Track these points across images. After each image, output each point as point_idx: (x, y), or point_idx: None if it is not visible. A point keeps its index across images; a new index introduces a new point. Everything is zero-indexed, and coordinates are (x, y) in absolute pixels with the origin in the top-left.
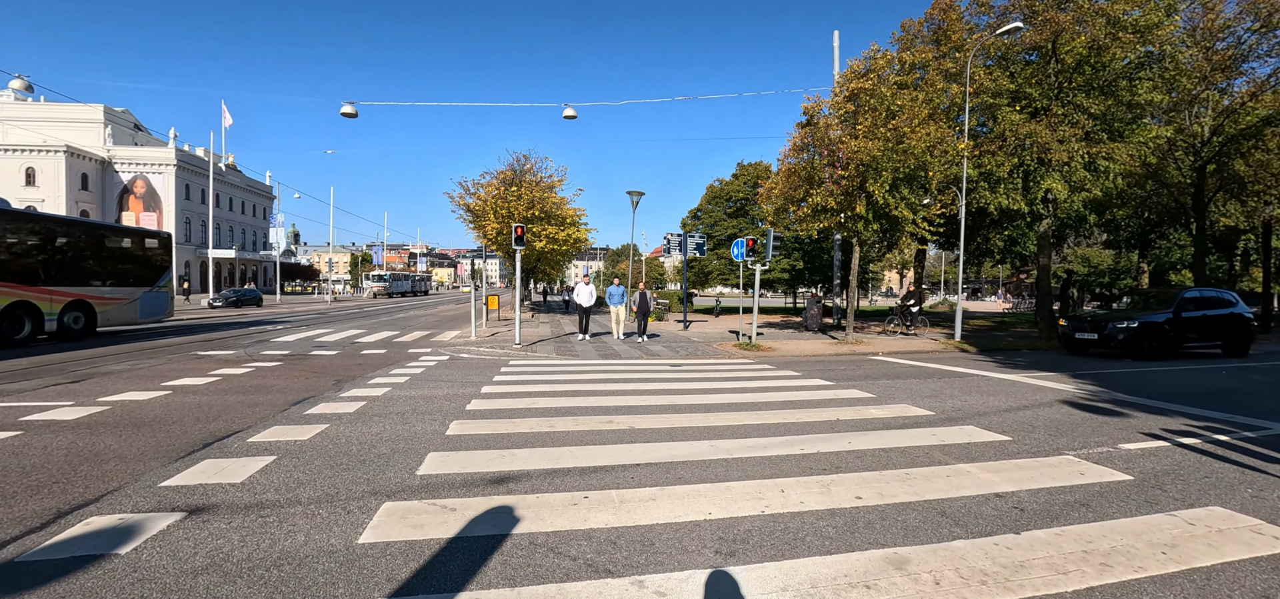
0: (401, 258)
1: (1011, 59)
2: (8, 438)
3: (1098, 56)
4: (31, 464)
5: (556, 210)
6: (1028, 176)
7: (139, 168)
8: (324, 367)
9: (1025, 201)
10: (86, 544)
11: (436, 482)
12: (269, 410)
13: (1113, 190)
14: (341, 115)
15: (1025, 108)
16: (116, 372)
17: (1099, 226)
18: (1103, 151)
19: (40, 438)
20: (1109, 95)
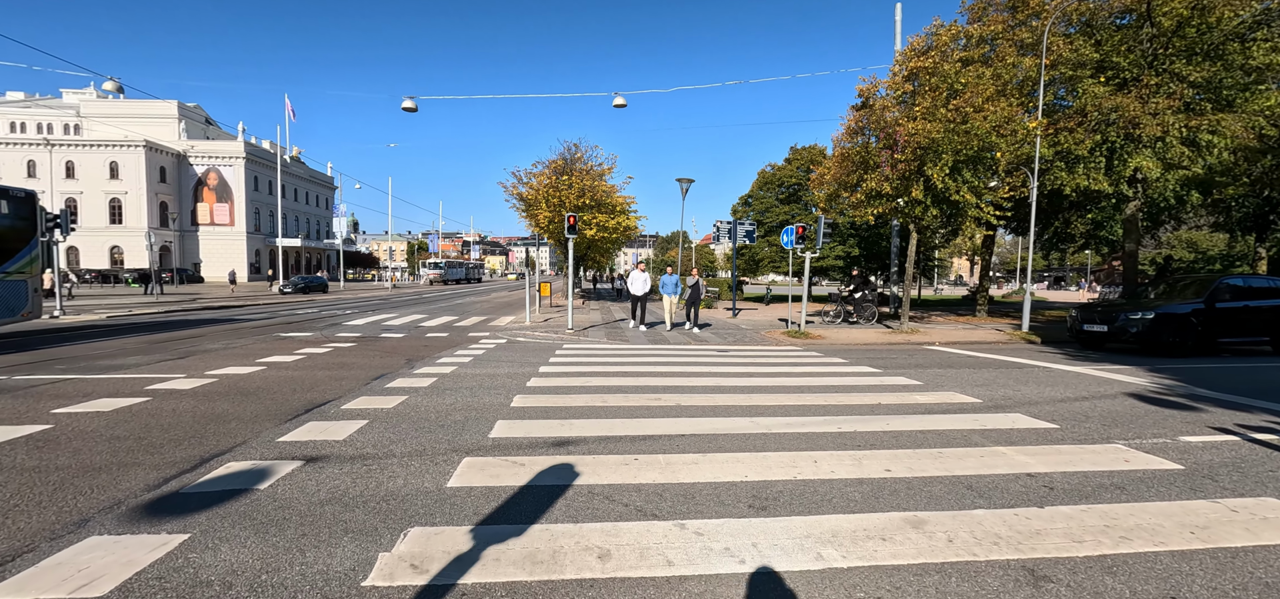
0: (455, 246)
1: (1097, 25)
2: (143, 403)
3: (1202, 17)
4: (168, 423)
5: (606, 198)
6: (1113, 154)
7: (211, 160)
8: (394, 347)
9: (1108, 182)
10: (231, 482)
11: (506, 443)
12: (353, 384)
13: (1218, 167)
14: (402, 110)
15: (1111, 79)
16: (213, 350)
17: (1205, 207)
18: (1205, 124)
19: (168, 403)
20: (1216, 60)
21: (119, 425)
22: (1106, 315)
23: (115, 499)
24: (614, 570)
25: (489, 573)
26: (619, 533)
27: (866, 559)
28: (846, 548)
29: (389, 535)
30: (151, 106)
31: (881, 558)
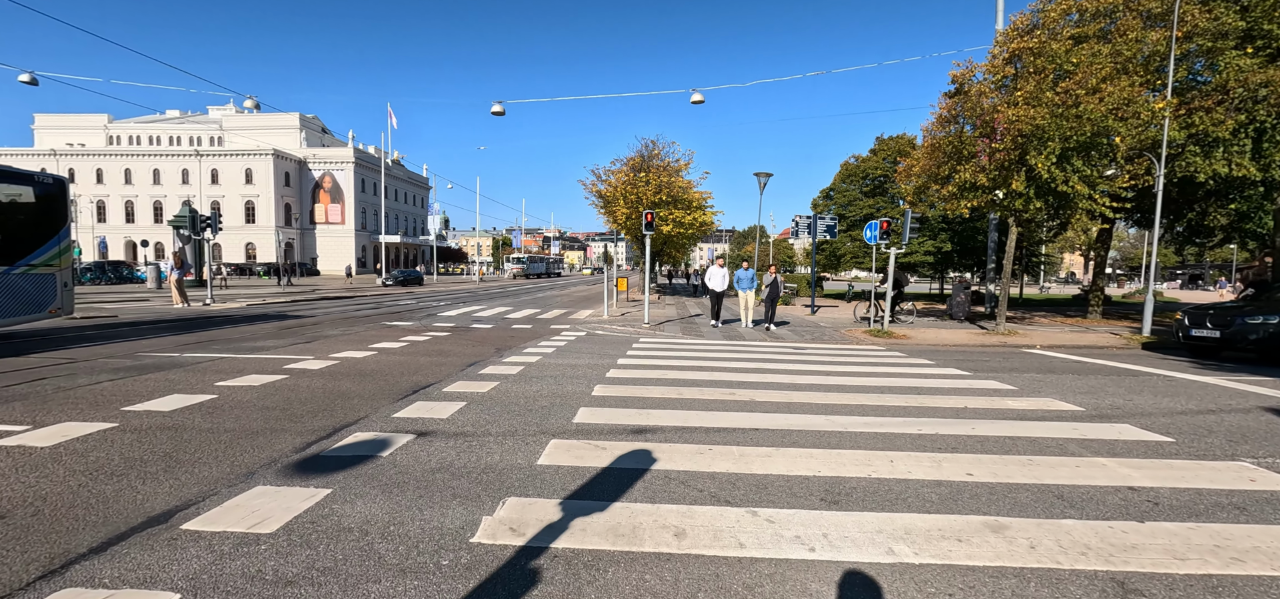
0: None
1: None
2: (283, 379)
3: None
4: (304, 397)
5: (682, 194)
6: (1261, 136)
7: (326, 165)
8: (484, 337)
9: (1256, 167)
10: (359, 449)
11: (589, 428)
12: (451, 369)
13: None
14: (491, 114)
15: (1261, 50)
16: (333, 336)
17: None
18: None
19: (303, 380)
20: None
21: (267, 398)
22: (1220, 320)
23: (272, 457)
24: (689, 548)
25: (576, 540)
26: (693, 515)
27: (940, 558)
28: (919, 545)
29: (490, 502)
30: (278, 119)
31: (956, 558)
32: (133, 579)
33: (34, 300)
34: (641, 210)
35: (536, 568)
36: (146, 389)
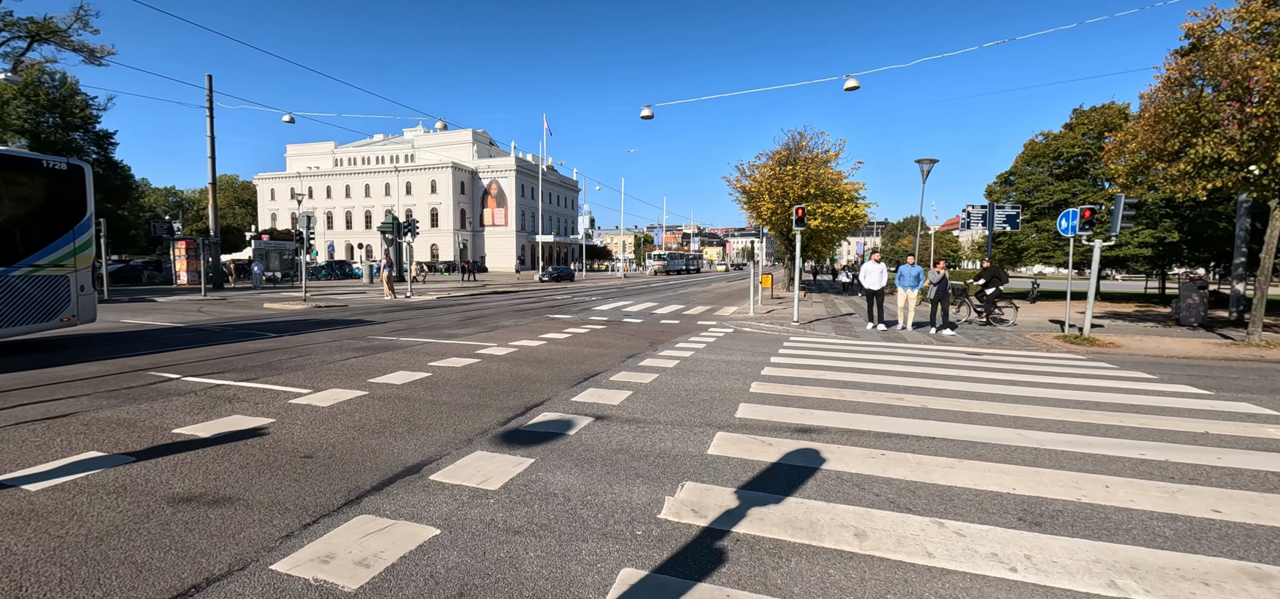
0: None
1: None
2: (477, 363)
3: None
4: (496, 379)
5: (832, 186)
6: None
7: (493, 174)
8: (637, 331)
9: None
10: (549, 427)
11: (752, 423)
12: (613, 361)
13: None
14: (641, 118)
15: None
16: (508, 326)
17: None
18: None
19: (493, 364)
20: None
21: (468, 378)
22: None
23: (482, 428)
24: (871, 549)
25: (755, 528)
26: (872, 518)
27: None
28: (1152, 583)
29: (669, 484)
30: (455, 136)
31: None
32: (404, 513)
33: (40, 307)
34: (788, 205)
35: (721, 548)
36: (381, 366)
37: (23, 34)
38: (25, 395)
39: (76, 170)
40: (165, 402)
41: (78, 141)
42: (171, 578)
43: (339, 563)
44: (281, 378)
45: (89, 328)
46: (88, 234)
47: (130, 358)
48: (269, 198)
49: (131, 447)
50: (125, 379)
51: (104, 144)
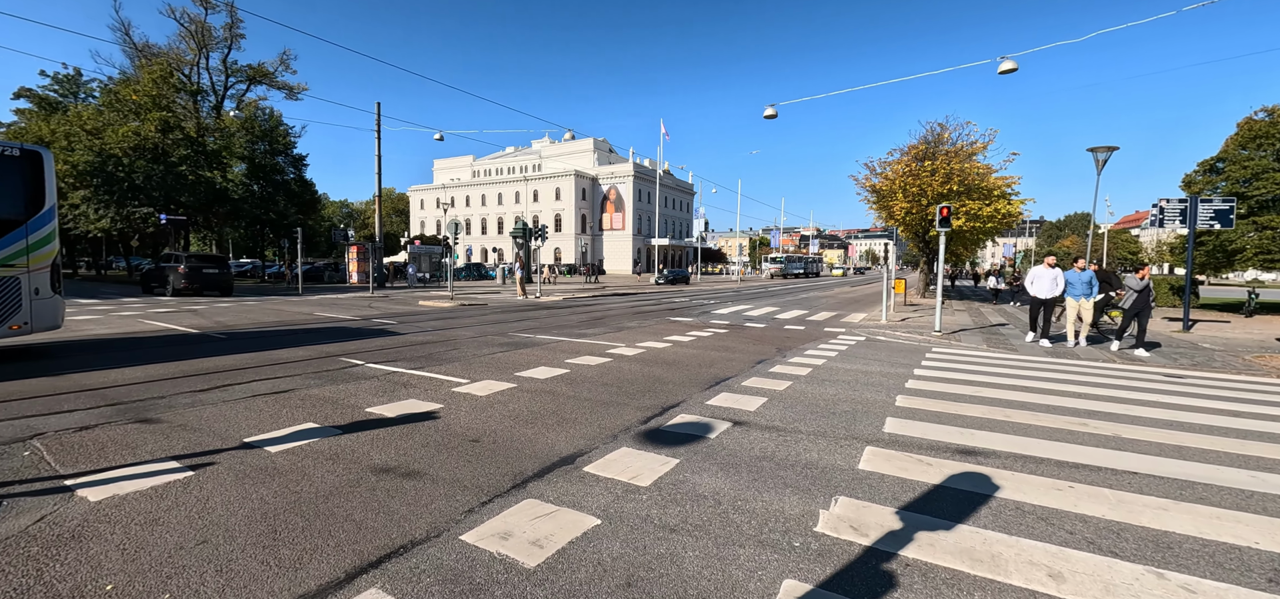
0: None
1: None
2: (610, 362)
3: None
4: (629, 379)
5: (979, 181)
6: None
7: (612, 180)
8: (760, 336)
9: None
10: (689, 429)
11: (903, 440)
12: (742, 365)
13: None
14: (764, 118)
15: None
16: (631, 328)
17: None
18: None
19: (624, 365)
20: None
21: (604, 376)
22: None
23: (625, 425)
24: (1071, 594)
25: (925, 553)
26: (1069, 558)
27: None
28: None
29: (822, 496)
30: (577, 145)
31: None
32: (566, 501)
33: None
34: (925, 203)
35: (890, 571)
36: (523, 361)
37: (244, 78)
38: (256, 373)
39: (32, 156)
40: (356, 384)
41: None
42: (383, 537)
43: (516, 541)
44: (442, 368)
45: (302, 320)
46: (47, 228)
47: (325, 345)
48: (419, 207)
49: (338, 420)
50: (325, 363)
51: (299, 165)
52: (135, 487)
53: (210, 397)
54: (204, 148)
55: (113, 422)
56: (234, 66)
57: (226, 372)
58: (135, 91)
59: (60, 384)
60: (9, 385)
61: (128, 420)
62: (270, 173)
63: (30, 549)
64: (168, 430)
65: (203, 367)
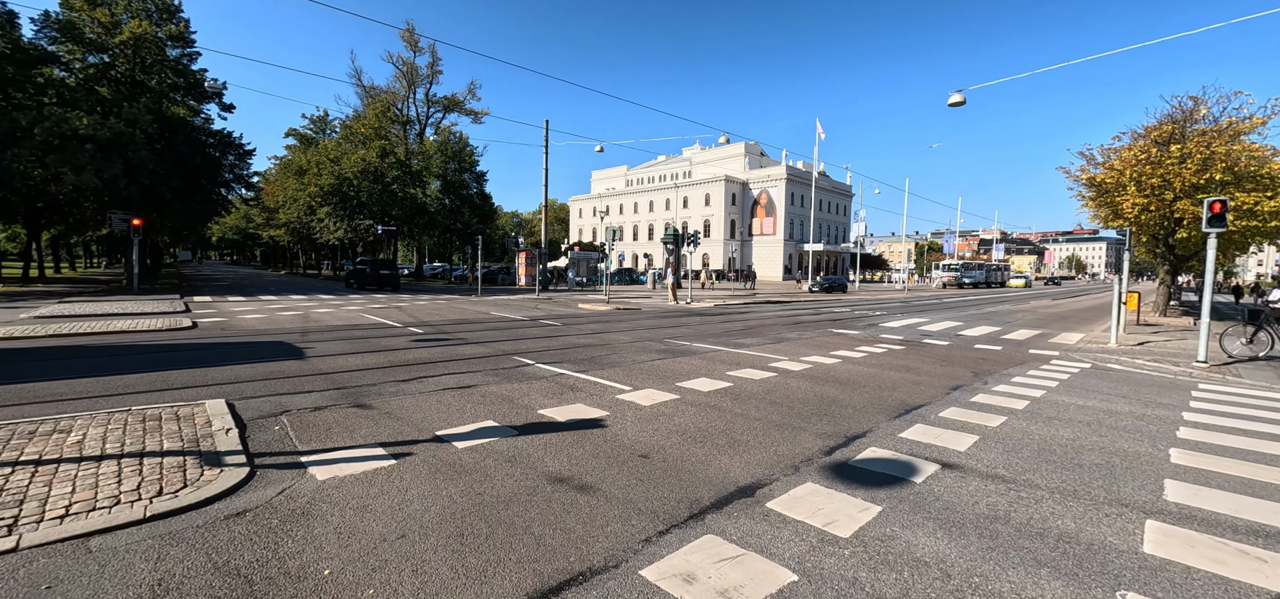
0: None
1: None
2: (773, 377)
3: None
4: (799, 398)
5: (1256, 168)
6: None
7: (763, 184)
8: (947, 356)
9: None
10: (885, 467)
11: (1202, 516)
12: (933, 392)
13: None
14: (949, 105)
15: None
16: (792, 339)
17: None
18: None
19: (789, 381)
20: None
21: (769, 392)
22: None
23: (805, 454)
24: None
25: None
26: None
27: None
28: None
29: (1099, 590)
30: (728, 150)
31: None
32: (752, 543)
33: None
34: (1168, 198)
35: None
36: (682, 370)
37: (441, 108)
38: (445, 368)
39: None
40: (528, 384)
41: (466, 180)
42: (561, 558)
43: (701, 588)
44: (604, 372)
45: (481, 318)
46: None
47: (499, 344)
48: (577, 216)
49: (514, 421)
50: (501, 362)
51: (480, 181)
52: (351, 470)
53: (410, 387)
54: (410, 168)
55: (337, 404)
56: (434, 98)
57: (422, 363)
58: (362, 125)
59: (304, 367)
60: (273, 366)
61: (349, 404)
62: (458, 188)
63: (271, 521)
64: (377, 417)
65: (405, 358)
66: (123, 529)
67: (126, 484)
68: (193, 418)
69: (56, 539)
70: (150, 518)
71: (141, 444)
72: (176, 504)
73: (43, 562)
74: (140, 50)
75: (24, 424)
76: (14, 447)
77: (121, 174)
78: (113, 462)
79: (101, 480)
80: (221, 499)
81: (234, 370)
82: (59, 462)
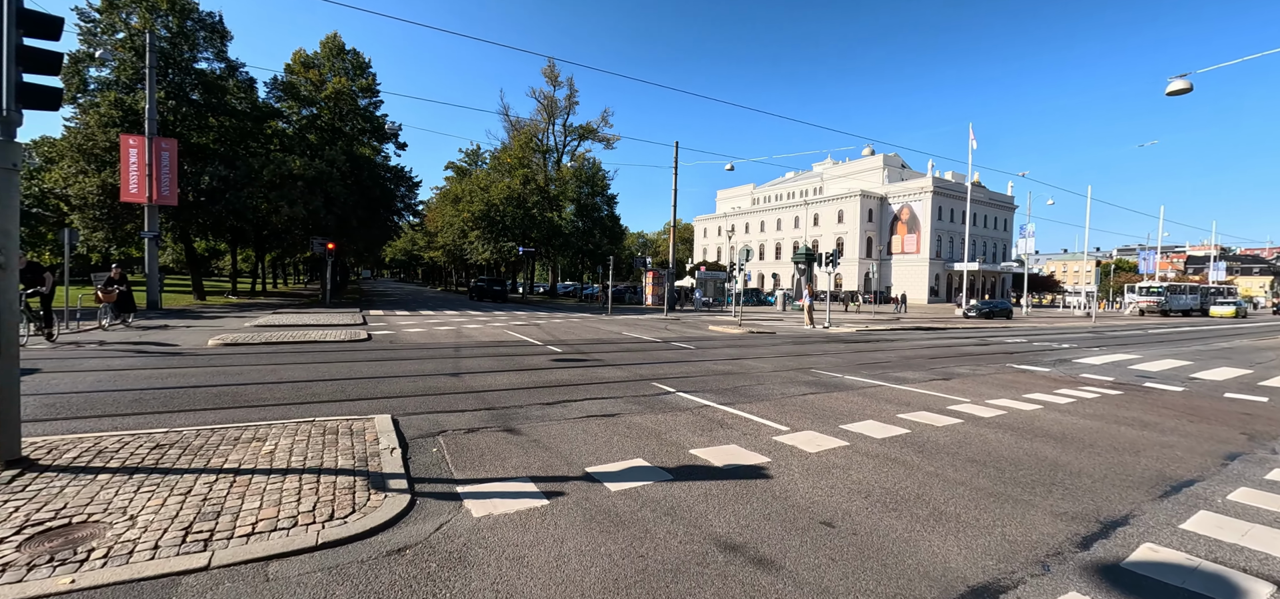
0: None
1: None
2: (959, 424)
3: None
4: (1005, 456)
5: None
6: None
7: (904, 199)
8: (1191, 408)
9: None
10: (1178, 578)
11: None
12: (1198, 459)
13: None
14: (1167, 95)
15: None
16: (963, 374)
17: None
18: None
19: (984, 432)
20: None
21: (962, 446)
22: None
23: (1043, 543)
24: None
25: None
26: None
27: None
28: None
29: None
30: (864, 163)
31: None
32: None
33: None
34: None
35: None
36: (841, 409)
37: (576, 136)
38: (585, 392)
39: None
40: (672, 415)
41: (598, 203)
42: None
43: None
44: (752, 407)
45: (613, 338)
46: None
47: (635, 367)
48: (702, 235)
49: (665, 461)
50: (640, 387)
51: (611, 203)
52: (505, 508)
53: (554, 412)
54: (548, 194)
55: (489, 427)
56: (570, 127)
57: (564, 385)
58: (508, 156)
59: (458, 384)
60: (431, 381)
61: (499, 428)
62: (590, 211)
63: (429, 565)
64: (526, 444)
65: (547, 379)
66: (297, 556)
67: (304, 503)
68: (363, 433)
69: (240, 560)
70: (322, 545)
71: (320, 460)
72: (345, 532)
73: (227, 586)
74: (339, 102)
75: (232, 430)
76: (221, 452)
77: (322, 206)
78: (295, 477)
79: (284, 497)
80: (384, 530)
81: (398, 384)
82: (253, 473)
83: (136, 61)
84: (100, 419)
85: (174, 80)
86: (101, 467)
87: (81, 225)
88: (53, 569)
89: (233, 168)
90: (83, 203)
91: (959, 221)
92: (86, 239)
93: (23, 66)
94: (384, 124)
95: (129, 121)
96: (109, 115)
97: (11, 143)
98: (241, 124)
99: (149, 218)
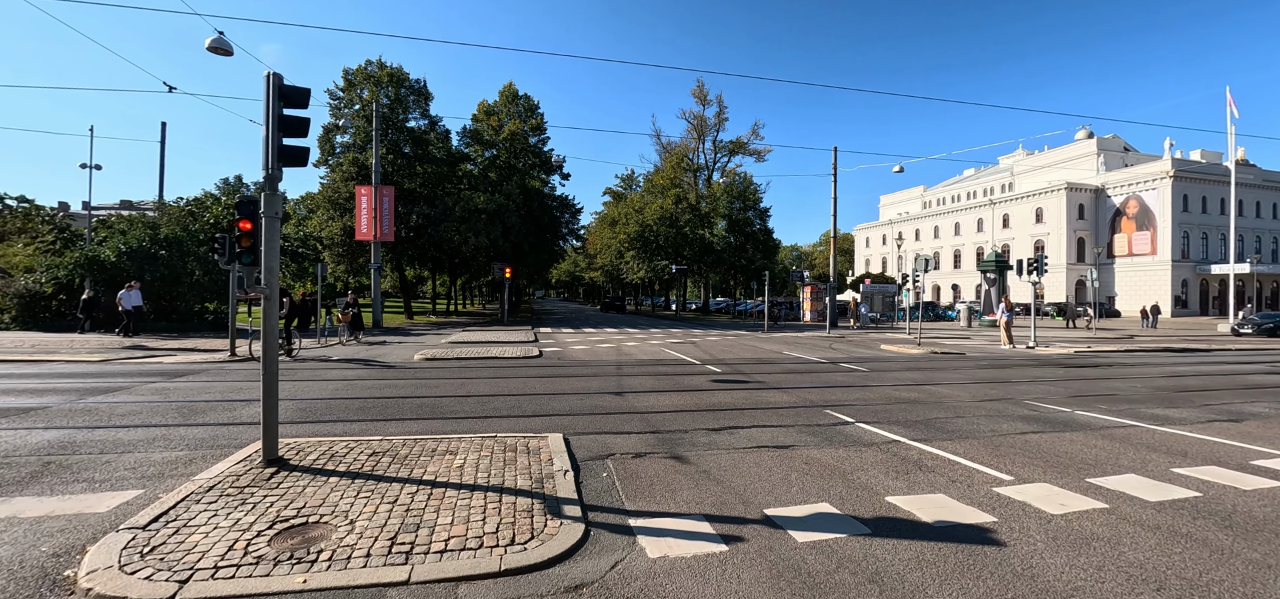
0: None
1: None
2: (1276, 488)
3: None
4: None
5: None
6: None
7: (1130, 188)
8: None
9: None
10: None
11: None
12: None
13: None
14: None
15: None
16: (1260, 415)
17: None
18: None
19: None
20: None
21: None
22: None
23: None
24: None
25: None
26: None
27: None
28: None
29: None
30: (1070, 150)
31: None
32: None
33: None
34: None
35: None
36: (1081, 454)
37: (727, 152)
38: (752, 417)
39: None
40: (855, 451)
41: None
42: None
43: None
44: (955, 445)
45: (773, 358)
46: None
47: (803, 391)
48: (864, 246)
49: (857, 510)
50: (813, 415)
51: (764, 217)
52: (680, 551)
53: (721, 439)
54: (699, 212)
55: (655, 452)
56: (721, 144)
57: (728, 410)
58: (661, 177)
59: (622, 404)
60: (597, 400)
61: (665, 454)
62: (742, 226)
63: None
64: (695, 475)
65: (709, 401)
66: (481, 581)
67: (489, 524)
68: (539, 452)
69: (434, 578)
70: (504, 572)
71: (501, 477)
72: (525, 560)
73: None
74: (514, 142)
75: (429, 441)
76: (421, 463)
77: (500, 235)
78: (481, 495)
79: (472, 514)
80: (561, 562)
81: (567, 402)
82: (446, 486)
83: (366, 126)
84: (334, 425)
85: (391, 138)
86: (332, 470)
87: (330, 260)
88: (291, 567)
89: (433, 207)
90: (331, 242)
91: (1215, 212)
92: (332, 271)
93: (282, 132)
94: (551, 157)
95: (361, 175)
96: (348, 171)
97: (275, 195)
98: (439, 169)
99: (374, 252)
